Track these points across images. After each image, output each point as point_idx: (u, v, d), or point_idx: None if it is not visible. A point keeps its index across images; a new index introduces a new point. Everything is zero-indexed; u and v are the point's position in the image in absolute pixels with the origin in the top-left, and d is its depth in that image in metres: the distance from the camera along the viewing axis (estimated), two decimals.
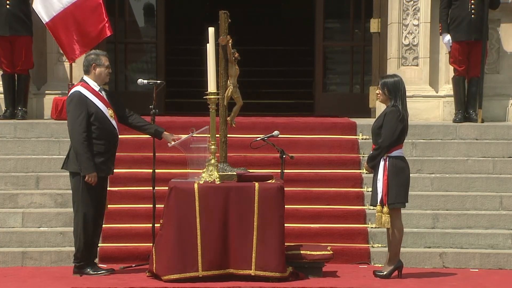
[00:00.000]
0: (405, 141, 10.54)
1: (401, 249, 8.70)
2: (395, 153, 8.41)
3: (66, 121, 8.73)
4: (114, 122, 8.52)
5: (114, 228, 9.29)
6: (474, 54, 11.44)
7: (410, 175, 8.79)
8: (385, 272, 8.43)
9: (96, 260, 8.78)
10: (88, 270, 8.48)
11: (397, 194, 8.34)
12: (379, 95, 8.58)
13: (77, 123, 8.34)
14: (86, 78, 8.57)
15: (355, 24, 14.20)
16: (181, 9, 17.43)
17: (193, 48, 15.32)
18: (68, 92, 8.60)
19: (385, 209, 8.32)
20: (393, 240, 8.42)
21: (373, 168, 8.46)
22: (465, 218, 9.67)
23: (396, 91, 8.45)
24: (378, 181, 8.37)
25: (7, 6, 11.45)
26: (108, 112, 8.47)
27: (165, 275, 8.13)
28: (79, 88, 8.48)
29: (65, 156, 8.63)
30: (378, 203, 8.35)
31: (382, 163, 8.37)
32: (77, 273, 8.49)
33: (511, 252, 9.28)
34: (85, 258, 8.49)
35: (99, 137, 8.39)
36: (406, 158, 8.59)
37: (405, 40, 11.97)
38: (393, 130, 8.36)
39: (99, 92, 8.50)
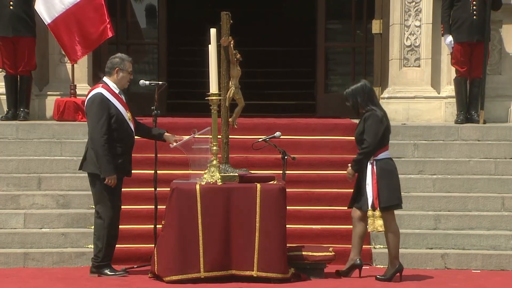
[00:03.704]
0: (406, 142, 10.61)
1: (403, 250, 8.69)
2: (381, 155, 8.35)
3: (67, 122, 8.80)
4: (131, 125, 8.52)
5: None
6: (476, 55, 11.41)
7: (412, 176, 8.80)
8: (387, 276, 8.40)
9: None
10: (106, 271, 8.46)
11: (388, 196, 8.28)
12: (351, 108, 8.48)
13: (99, 125, 8.30)
14: (106, 79, 8.51)
15: (357, 25, 14.19)
16: (182, 10, 17.41)
17: (195, 49, 15.31)
18: (88, 93, 8.55)
19: (377, 212, 8.26)
20: (390, 243, 8.37)
21: (358, 172, 8.40)
22: (467, 219, 9.65)
23: (362, 95, 8.37)
24: (367, 185, 8.29)
25: (10, 7, 11.44)
26: (127, 115, 8.45)
27: (167, 276, 8.12)
28: (100, 89, 8.41)
29: (66, 157, 8.60)
30: (370, 208, 8.30)
31: (369, 167, 8.32)
32: (95, 273, 8.47)
33: None
34: (106, 259, 8.48)
35: (117, 139, 8.38)
36: (409, 159, 8.55)
37: (407, 41, 11.95)
38: (376, 134, 8.29)
39: (119, 95, 8.48)
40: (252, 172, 8.81)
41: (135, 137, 8.65)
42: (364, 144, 8.31)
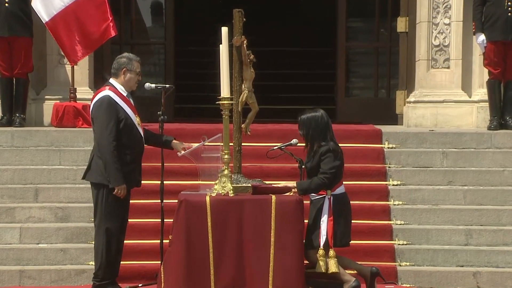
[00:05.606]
0: (435, 150, 10.68)
1: (431, 268, 8.70)
2: (338, 190, 8.31)
3: (66, 129, 8.77)
4: (141, 130, 8.50)
5: None
6: (511, 55, 11.39)
7: (441, 187, 8.70)
8: None
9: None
10: None
11: (343, 234, 8.23)
12: (304, 137, 8.38)
13: (107, 131, 8.25)
14: (113, 81, 8.47)
15: (381, 23, 14.23)
16: (191, 8, 17.46)
17: (205, 49, 15.34)
18: (93, 96, 8.53)
19: (332, 252, 8.16)
20: (337, 276, 8.26)
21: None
22: (501, 234, 9.62)
23: (321, 128, 8.27)
24: (322, 222, 8.20)
25: (6, 5, 11.50)
26: (136, 120, 8.43)
27: None
28: (108, 92, 8.35)
29: (65, 166, 8.59)
30: (322, 247, 8.18)
31: (327, 202, 8.24)
32: None
33: None
34: (107, 277, 8.43)
35: (126, 146, 8.34)
36: (437, 168, 8.52)
37: (435, 40, 11.97)
38: (332, 166, 8.17)
39: (127, 98, 8.46)
40: (267, 182, 8.79)
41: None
42: (325, 175, 8.19)
